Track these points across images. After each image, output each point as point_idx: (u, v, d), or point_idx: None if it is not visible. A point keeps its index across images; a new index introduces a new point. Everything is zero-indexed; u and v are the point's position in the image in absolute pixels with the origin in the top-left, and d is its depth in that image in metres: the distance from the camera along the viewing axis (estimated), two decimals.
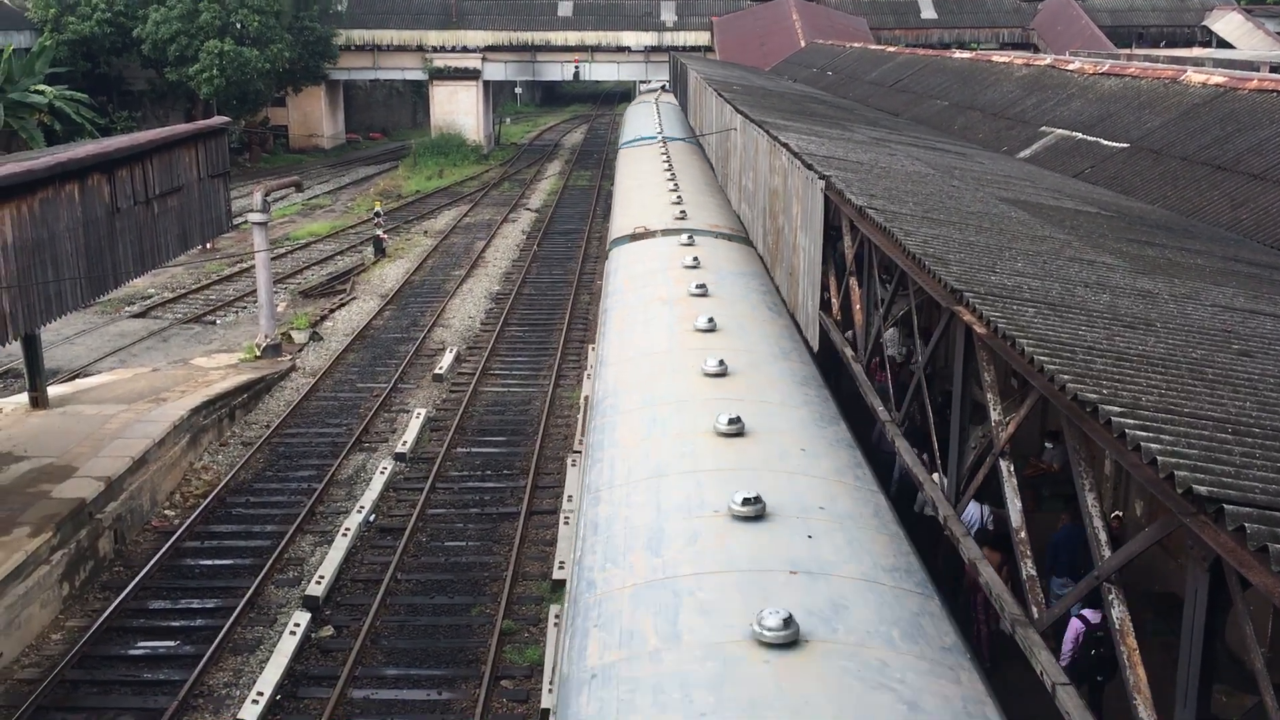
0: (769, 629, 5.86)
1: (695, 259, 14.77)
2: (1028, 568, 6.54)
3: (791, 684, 5.62)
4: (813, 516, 7.53)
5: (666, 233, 17.14)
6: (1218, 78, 19.79)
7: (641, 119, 37.29)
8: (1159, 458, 4.57)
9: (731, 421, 8.84)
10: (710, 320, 11.81)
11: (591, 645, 6.57)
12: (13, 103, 46.92)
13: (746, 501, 7.38)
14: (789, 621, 5.90)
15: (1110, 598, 5.51)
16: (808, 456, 8.67)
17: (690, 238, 16.20)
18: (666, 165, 24.12)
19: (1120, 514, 12.23)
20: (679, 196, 19.94)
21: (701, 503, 7.74)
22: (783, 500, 7.62)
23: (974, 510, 11.58)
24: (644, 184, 22.68)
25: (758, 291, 14.42)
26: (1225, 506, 4.16)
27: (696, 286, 13.31)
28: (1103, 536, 5.74)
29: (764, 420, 9.18)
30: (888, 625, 6.32)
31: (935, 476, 8.55)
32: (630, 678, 6.00)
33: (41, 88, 48.18)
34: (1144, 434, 4.82)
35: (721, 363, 10.32)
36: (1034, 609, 6.36)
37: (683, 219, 17.94)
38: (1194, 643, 4.68)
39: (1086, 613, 9.98)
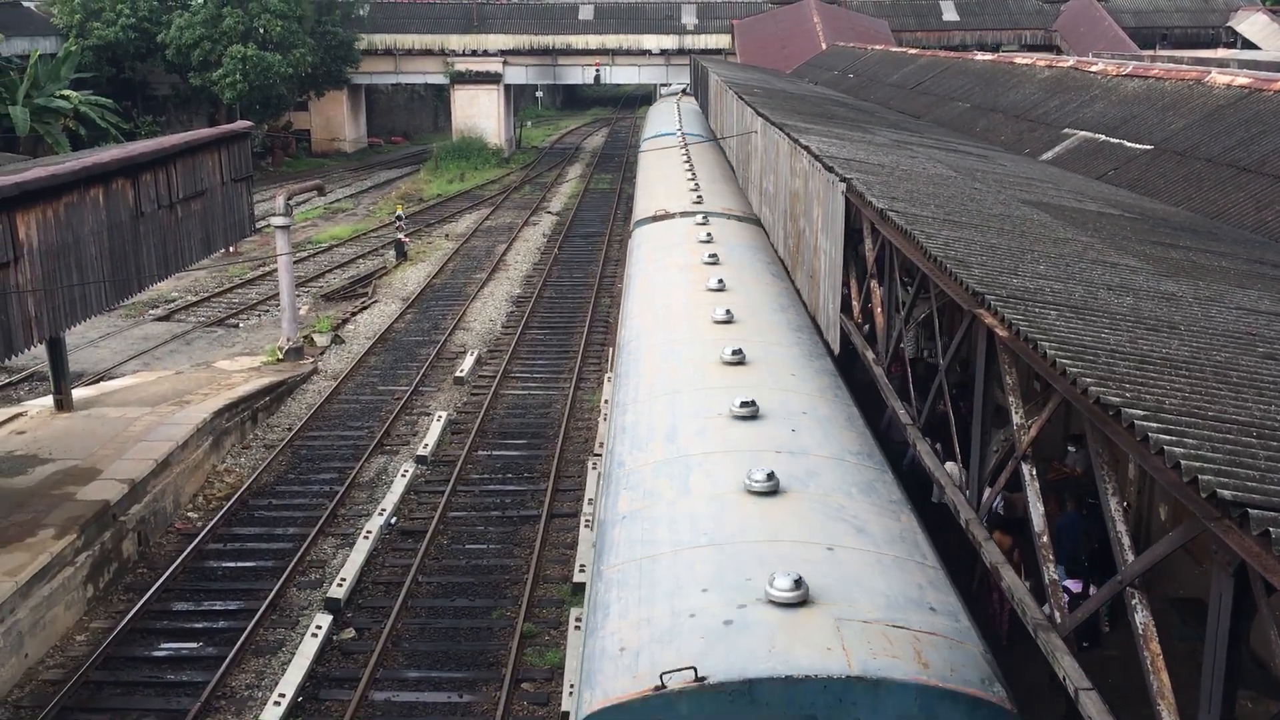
0: (756, 481, 7.85)
1: (708, 235, 16.79)
2: (1049, 572, 6.50)
3: (772, 516, 7.59)
4: (797, 418, 9.50)
5: (684, 214, 19.12)
6: (1242, 79, 19.65)
7: (662, 118, 39.80)
8: (1183, 461, 4.54)
9: (734, 353, 10.85)
10: (720, 281, 13.77)
11: (622, 499, 8.63)
12: (39, 108, 47.33)
13: (744, 404, 9.35)
14: (772, 476, 7.89)
15: (1133, 602, 5.47)
16: (796, 379, 10.78)
17: (705, 218, 18.09)
18: (685, 158, 26.00)
19: (1126, 503, 12.25)
20: (695, 185, 21.93)
21: (708, 408, 9.67)
22: (773, 406, 9.59)
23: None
24: (664, 175, 24.93)
25: (762, 261, 16.38)
26: (1250, 511, 4.13)
27: (709, 256, 15.17)
28: (1126, 541, 5.70)
29: (762, 354, 11.19)
30: (848, 485, 8.30)
31: (949, 466, 9.04)
32: (652, 516, 8.05)
33: (67, 93, 48.59)
34: (1168, 438, 4.79)
35: (728, 312, 12.37)
36: (1056, 614, 6.33)
37: (699, 203, 19.92)
38: (1218, 648, 4.64)
39: (1069, 583, 10.28)
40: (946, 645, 6.44)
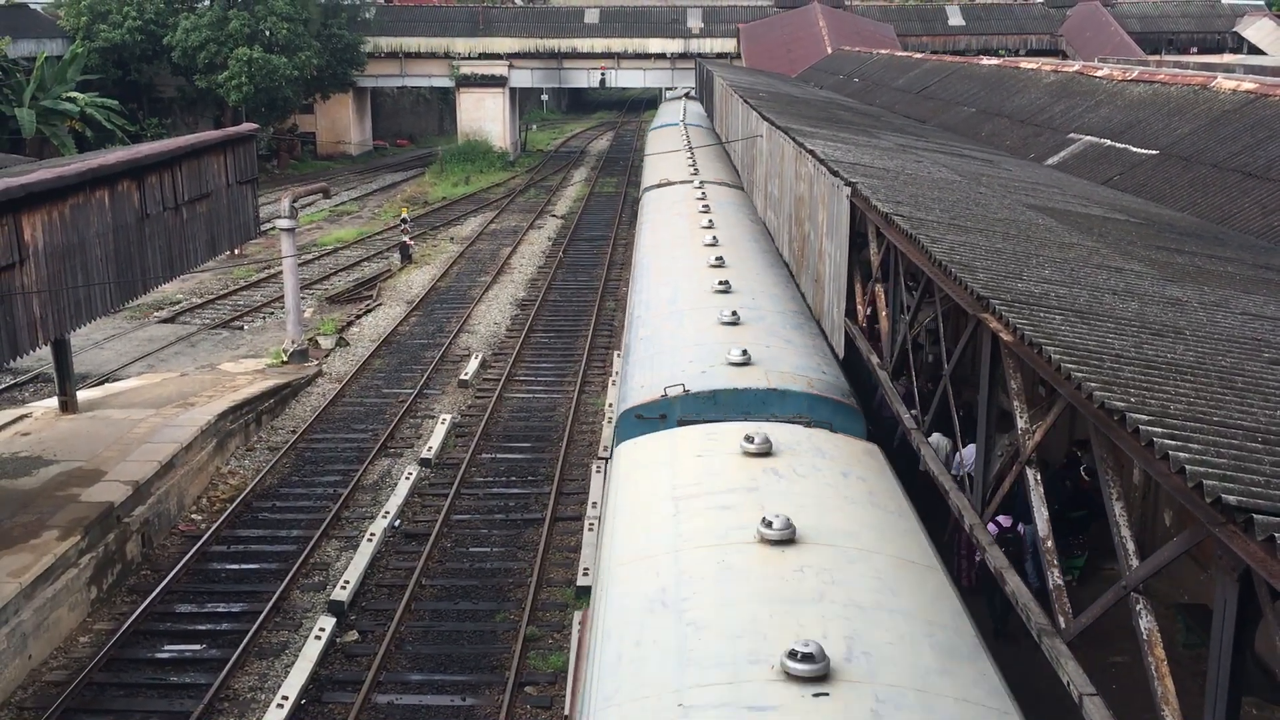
0: (725, 316, 12.46)
1: (703, 194, 21.40)
2: (1054, 577, 6.49)
3: (733, 333, 12.18)
4: (756, 293, 14.31)
5: (683, 182, 24.15)
6: (1248, 84, 19.61)
7: (668, 114, 46.10)
8: (1187, 466, 4.53)
9: (717, 259, 15.43)
10: (710, 221, 18.51)
11: (639, 332, 13.59)
12: (45, 110, 47.43)
13: (721, 284, 14.08)
14: (735, 314, 12.60)
15: (1138, 608, 5.45)
16: (758, 274, 15.68)
17: (700, 184, 22.94)
18: (685, 140, 32.07)
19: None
20: (692, 159, 27.36)
21: (698, 287, 14.43)
22: (741, 286, 14.29)
23: (969, 453, 11.64)
24: (667, 152, 30.75)
25: (743, 213, 21.28)
26: (1255, 516, 4.12)
27: (703, 208, 19.80)
28: (1130, 546, 5.69)
29: (737, 261, 15.87)
30: (785, 324, 13.07)
31: (935, 438, 10.35)
32: (659, 338, 12.85)
33: (73, 95, 48.68)
34: (1172, 443, 4.78)
35: (715, 237, 17.08)
36: (1060, 619, 6.31)
37: (695, 174, 24.96)
38: (1223, 654, 4.63)
39: (1000, 518, 10.83)
40: (825, 381, 11.32)
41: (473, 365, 26.11)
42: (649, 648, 6.45)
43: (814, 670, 5.79)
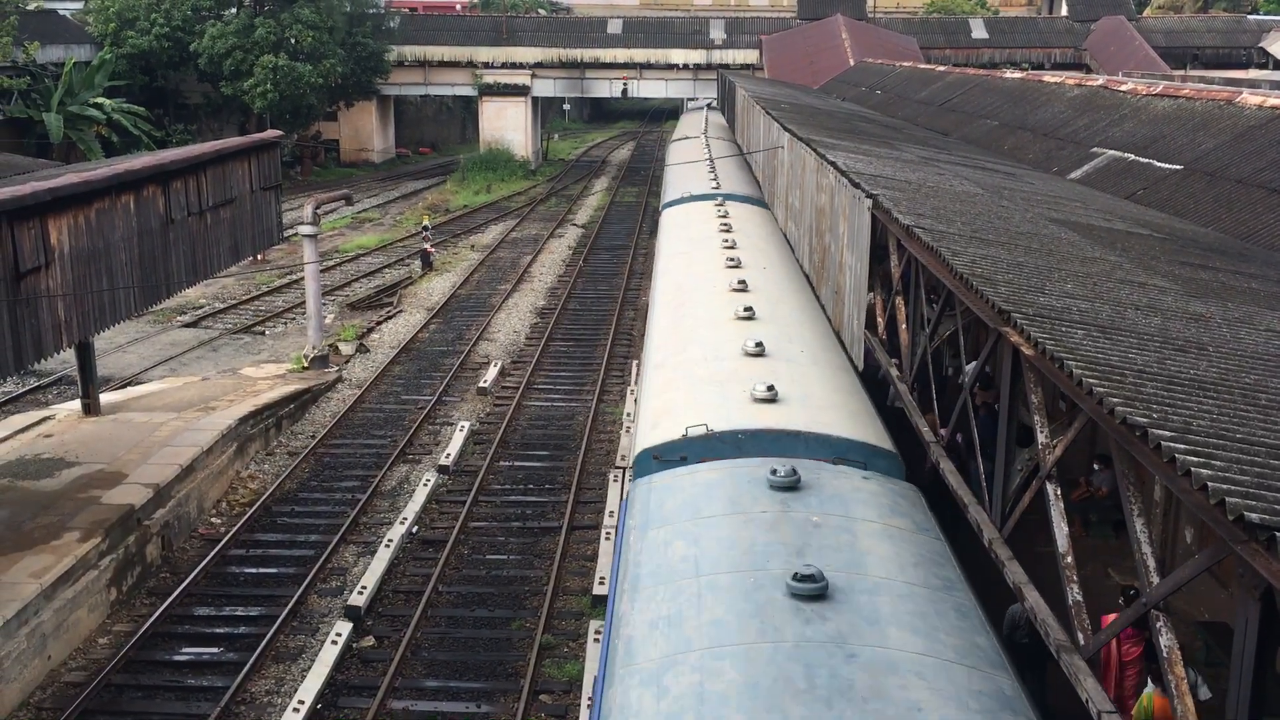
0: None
1: (709, 152, 29.91)
2: (1073, 593, 6.46)
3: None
4: (730, 174, 26.10)
5: (696, 139, 34.46)
6: (1274, 99, 19.50)
7: (694, 103, 57.97)
8: (1210, 484, 4.50)
9: (714, 182, 23.47)
10: (713, 168, 25.93)
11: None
12: (72, 115, 47.86)
13: (717, 195, 21.39)
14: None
15: (1158, 625, 5.42)
16: (740, 173, 26.74)
17: (707, 141, 32.51)
18: (703, 120, 42.64)
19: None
20: (705, 129, 38.06)
21: (702, 191, 22.66)
22: (725, 183, 24.43)
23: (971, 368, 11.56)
24: (690, 124, 43.76)
25: (738, 163, 29.24)
26: (1278, 534, 4.09)
27: (708, 167, 26.65)
28: (1151, 563, 5.65)
29: (726, 179, 24.22)
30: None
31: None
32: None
33: (100, 100, 49.12)
34: (1195, 459, 4.75)
35: (714, 169, 25.17)
36: (1079, 636, 6.28)
37: (704, 134, 35.81)
38: (1244, 672, 4.60)
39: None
40: (750, 193, 23.61)
41: (492, 373, 26.15)
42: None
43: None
